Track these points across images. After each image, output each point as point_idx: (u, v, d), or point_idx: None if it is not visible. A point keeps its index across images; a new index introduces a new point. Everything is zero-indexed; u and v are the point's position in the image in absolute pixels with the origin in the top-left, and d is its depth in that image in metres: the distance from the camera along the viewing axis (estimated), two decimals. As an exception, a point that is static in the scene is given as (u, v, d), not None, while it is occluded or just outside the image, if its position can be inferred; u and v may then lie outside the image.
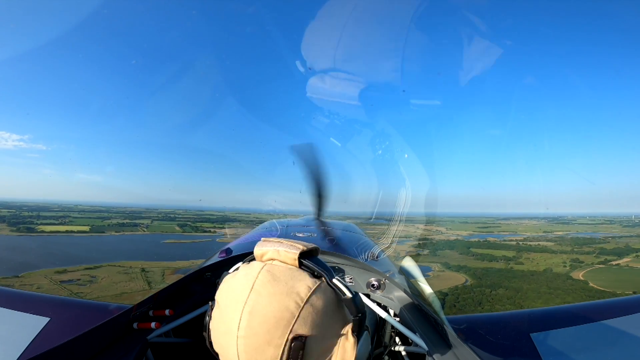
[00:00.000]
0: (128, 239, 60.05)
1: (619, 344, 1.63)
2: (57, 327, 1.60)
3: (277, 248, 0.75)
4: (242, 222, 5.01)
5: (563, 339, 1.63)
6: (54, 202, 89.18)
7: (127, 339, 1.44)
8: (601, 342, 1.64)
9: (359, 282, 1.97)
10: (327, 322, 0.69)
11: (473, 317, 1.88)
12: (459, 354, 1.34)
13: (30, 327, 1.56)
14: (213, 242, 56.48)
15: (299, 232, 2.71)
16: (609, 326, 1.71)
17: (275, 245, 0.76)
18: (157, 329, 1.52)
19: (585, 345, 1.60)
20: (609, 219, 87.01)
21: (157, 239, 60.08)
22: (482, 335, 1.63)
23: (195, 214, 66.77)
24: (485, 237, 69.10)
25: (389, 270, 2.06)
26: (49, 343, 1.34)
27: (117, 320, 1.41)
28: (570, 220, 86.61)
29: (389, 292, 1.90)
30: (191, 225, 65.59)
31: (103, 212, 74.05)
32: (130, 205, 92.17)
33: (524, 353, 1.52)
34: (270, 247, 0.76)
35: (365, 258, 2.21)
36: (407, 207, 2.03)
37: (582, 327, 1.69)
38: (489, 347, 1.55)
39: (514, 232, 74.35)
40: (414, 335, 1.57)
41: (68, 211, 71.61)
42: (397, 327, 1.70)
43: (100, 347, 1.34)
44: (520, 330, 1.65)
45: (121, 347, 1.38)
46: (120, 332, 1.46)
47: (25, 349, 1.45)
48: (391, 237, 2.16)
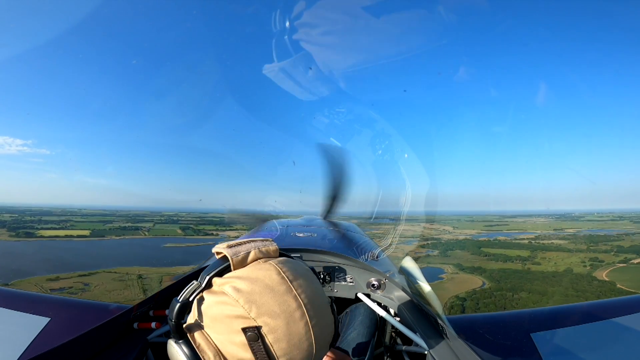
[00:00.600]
0: (128, 244, 58.82)
1: (620, 344, 1.63)
2: (58, 327, 1.60)
3: (255, 246, 0.77)
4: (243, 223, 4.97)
5: (563, 338, 1.62)
6: (57, 207, 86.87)
7: (127, 339, 1.44)
8: (601, 341, 1.64)
9: (360, 282, 1.98)
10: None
11: (473, 317, 1.88)
12: (459, 353, 1.34)
13: (30, 327, 1.56)
14: (215, 245, 61.17)
15: (299, 232, 2.71)
16: (609, 326, 1.71)
17: (249, 246, 0.77)
18: (157, 329, 1.52)
19: (586, 345, 1.60)
20: (618, 215, 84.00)
21: (158, 243, 58.31)
22: (482, 335, 1.63)
23: (198, 217, 65.91)
24: (494, 236, 66.64)
25: (389, 270, 2.06)
26: (50, 343, 1.34)
27: (117, 320, 1.41)
28: (578, 217, 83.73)
29: (390, 292, 1.90)
30: (193, 228, 64.78)
31: (107, 216, 72.99)
32: (134, 208, 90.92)
33: (524, 353, 1.52)
34: (245, 249, 0.76)
35: (366, 258, 2.21)
36: (407, 207, 2.04)
37: (582, 327, 1.69)
38: (489, 347, 1.55)
39: (523, 230, 71.42)
40: (415, 335, 1.57)
41: (70, 215, 70.46)
42: (398, 326, 1.70)
43: (101, 347, 1.34)
44: (521, 330, 1.65)
45: (121, 347, 1.38)
46: (120, 332, 1.46)
47: (26, 349, 1.45)
48: (391, 237, 2.16)
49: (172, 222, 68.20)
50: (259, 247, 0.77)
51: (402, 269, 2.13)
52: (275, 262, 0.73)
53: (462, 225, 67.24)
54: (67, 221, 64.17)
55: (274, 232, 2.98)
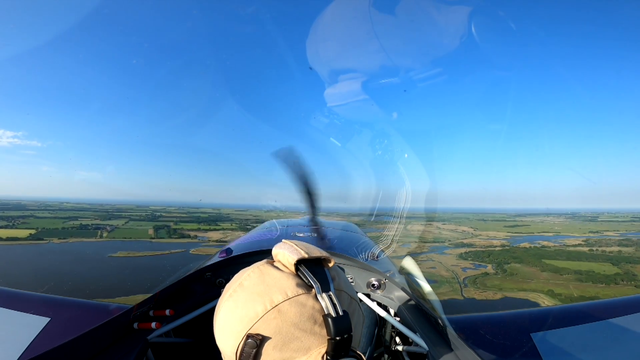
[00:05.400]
0: (66, 250, 44.92)
1: (619, 344, 1.63)
2: (58, 327, 1.60)
3: (283, 250, 0.75)
4: (235, 221, 4.82)
5: (563, 338, 1.63)
6: (45, 199, 73.69)
7: (127, 339, 1.45)
8: (601, 341, 1.64)
9: (359, 282, 1.97)
10: (295, 334, 0.67)
11: (473, 317, 1.87)
12: (459, 353, 1.34)
13: (30, 327, 1.56)
14: (185, 254, 42.50)
15: (298, 232, 2.71)
16: (609, 326, 1.71)
17: (285, 247, 0.76)
18: (157, 329, 1.52)
19: (586, 345, 1.60)
20: (638, 215, 73.79)
21: (108, 249, 43.89)
22: (482, 335, 1.63)
23: (186, 212, 57.65)
24: (532, 240, 54.16)
25: (389, 270, 2.06)
26: (50, 343, 1.34)
27: (117, 320, 1.41)
28: (594, 217, 72.43)
29: (389, 291, 1.90)
30: (171, 228, 55.28)
31: (77, 211, 61.22)
32: (123, 202, 78.08)
33: (524, 353, 1.52)
34: (279, 248, 0.76)
35: (366, 258, 2.21)
36: (407, 207, 2.03)
37: (582, 327, 1.69)
38: (489, 347, 1.55)
39: (557, 232, 59.51)
40: (414, 335, 1.57)
41: (36, 210, 59.32)
42: (398, 326, 1.70)
43: (101, 347, 1.34)
44: (520, 330, 1.65)
45: (122, 347, 1.38)
46: (120, 332, 1.46)
47: (26, 349, 1.45)
48: (392, 236, 2.16)
49: (150, 219, 58.11)
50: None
51: (402, 269, 2.13)
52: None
53: (480, 225, 58.64)
54: (26, 217, 54.28)
55: (274, 232, 2.98)
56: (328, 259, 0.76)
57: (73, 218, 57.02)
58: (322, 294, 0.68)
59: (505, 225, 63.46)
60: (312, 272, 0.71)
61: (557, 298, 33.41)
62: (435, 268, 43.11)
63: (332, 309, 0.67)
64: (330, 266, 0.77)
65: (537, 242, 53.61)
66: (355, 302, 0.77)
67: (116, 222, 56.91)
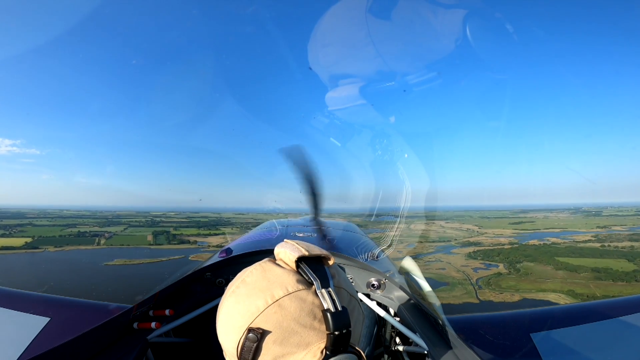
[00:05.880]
0: (61, 259, 43.60)
1: (619, 344, 1.63)
2: (58, 327, 1.60)
3: (285, 248, 0.77)
4: (236, 225, 4.84)
5: (563, 339, 1.63)
6: (46, 208, 72.20)
7: (127, 339, 1.45)
8: (601, 341, 1.64)
9: (359, 282, 1.97)
10: (295, 329, 0.68)
11: (473, 317, 1.87)
12: (459, 354, 1.34)
13: (30, 327, 1.57)
14: (184, 260, 41.67)
15: (298, 232, 2.71)
16: (609, 326, 1.71)
17: (286, 245, 0.78)
18: (157, 329, 1.52)
19: (585, 345, 1.60)
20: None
21: (104, 258, 41.92)
22: (482, 335, 1.63)
23: (187, 217, 56.63)
24: (540, 237, 51.46)
25: (388, 270, 2.06)
26: (50, 343, 1.34)
27: (117, 320, 1.41)
28: (598, 212, 70.94)
29: (389, 292, 1.90)
30: (170, 234, 54.19)
31: (77, 218, 60.13)
32: (124, 208, 77.46)
33: (524, 353, 1.52)
34: (281, 247, 0.79)
35: (365, 258, 2.21)
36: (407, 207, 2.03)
37: (582, 327, 1.69)
38: (489, 347, 1.55)
39: (564, 228, 57.23)
40: (414, 335, 1.57)
41: (34, 218, 57.75)
42: (397, 326, 1.70)
43: (101, 347, 1.34)
44: (520, 330, 1.65)
45: (121, 347, 1.38)
46: (120, 332, 1.46)
47: (26, 349, 1.45)
48: (391, 236, 2.16)
49: (151, 224, 57.38)
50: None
51: (402, 269, 2.13)
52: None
53: (483, 223, 56.75)
54: (23, 225, 53.09)
55: (274, 232, 2.99)
56: (328, 257, 0.78)
57: (71, 225, 56.62)
58: (321, 290, 0.70)
59: (510, 222, 61.94)
60: (312, 269, 0.72)
61: (579, 298, 31.22)
62: (445, 269, 42.17)
63: (331, 305, 0.68)
64: (330, 264, 0.78)
65: (545, 239, 52.22)
66: (354, 300, 0.78)
67: (115, 229, 56.28)
